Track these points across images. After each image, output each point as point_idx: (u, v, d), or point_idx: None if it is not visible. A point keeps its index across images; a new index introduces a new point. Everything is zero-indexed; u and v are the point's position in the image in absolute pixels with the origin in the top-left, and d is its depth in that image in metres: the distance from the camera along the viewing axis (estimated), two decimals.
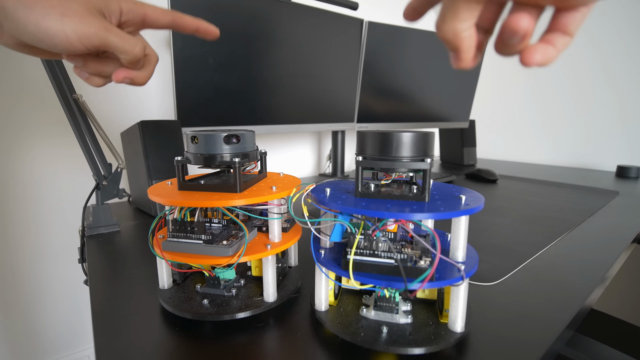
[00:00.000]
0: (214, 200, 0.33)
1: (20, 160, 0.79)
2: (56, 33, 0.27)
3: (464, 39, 0.22)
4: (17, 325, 0.84)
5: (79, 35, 0.28)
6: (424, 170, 0.31)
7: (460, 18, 0.21)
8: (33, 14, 0.27)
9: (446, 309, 0.32)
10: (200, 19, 0.39)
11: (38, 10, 0.27)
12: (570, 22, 0.22)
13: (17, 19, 0.27)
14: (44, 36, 0.28)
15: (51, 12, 0.27)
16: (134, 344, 0.32)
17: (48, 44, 0.28)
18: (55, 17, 0.27)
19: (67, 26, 0.28)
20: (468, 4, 0.20)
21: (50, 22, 0.27)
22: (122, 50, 0.31)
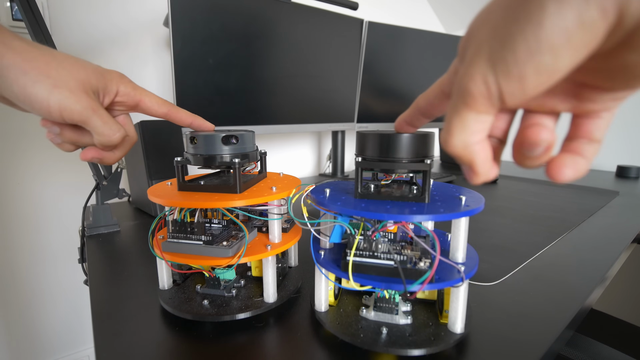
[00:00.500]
0: (214, 201, 0.33)
1: (20, 160, 0.79)
2: (39, 100, 0.27)
3: (477, 153, 0.20)
4: (17, 325, 0.84)
5: (61, 108, 0.28)
6: (424, 171, 0.31)
7: (470, 131, 0.19)
8: (24, 77, 0.27)
9: (446, 310, 0.32)
10: (195, 116, 0.39)
11: (31, 75, 0.27)
12: (594, 128, 0.20)
13: (5, 77, 0.26)
14: (25, 99, 0.27)
15: (43, 81, 0.27)
16: (134, 344, 0.32)
17: (26, 106, 0.28)
18: (45, 86, 0.27)
19: (53, 97, 0.27)
20: (477, 115, 0.18)
21: (39, 90, 0.27)
22: (101, 133, 0.30)
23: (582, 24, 0.14)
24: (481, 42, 0.17)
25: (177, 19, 0.68)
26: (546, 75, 0.15)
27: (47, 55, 0.28)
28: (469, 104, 0.18)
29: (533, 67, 0.15)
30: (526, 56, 0.15)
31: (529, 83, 0.16)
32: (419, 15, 1.57)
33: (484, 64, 0.16)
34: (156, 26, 0.90)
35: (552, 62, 0.15)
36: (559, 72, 0.15)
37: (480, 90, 0.17)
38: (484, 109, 0.18)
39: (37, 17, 0.52)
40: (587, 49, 0.15)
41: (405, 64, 1.12)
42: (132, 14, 0.87)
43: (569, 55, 0.15)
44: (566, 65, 0.15)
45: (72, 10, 0.80)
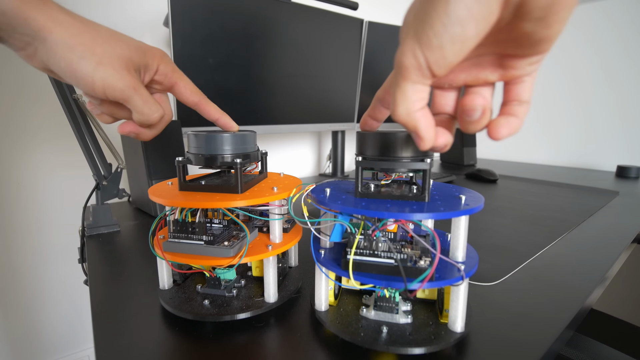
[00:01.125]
0: (215, 200, 0.33)
1: (20, 160, 0.79)
2: (84, 76, 0.28)
3: (419, 119, 0.23)
4: (17, 325, 0.84)
5: (105, 85, 0.29)
6: (423, 170, 0.31)
7: (410, 100, 0.22)
8: (71, 54, 0.27)
9: (446, 309, 0.32)
10: (223, 113, 0.39)
11: (78, 52, 0.28)
12: (521, 91, 0.24)
13: (54, 52, 0.27)
14: (71, 75, 0.28)
15: (89, 58, 0.28)
16: (134, 344, 0.32)
17: (72, 81, 0.29)
18: (90, 63, 0.28)
19: (98, 74, 0.28)
20: (413, 85, 0.21)
21: (84, 66, 0.28)
22: (140, 112, 0.31)
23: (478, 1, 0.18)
24: (408, 24, 0.21)
25: (177, 19, 0.68)
26: (459, 44, 0.19)
27: (92, 30, 0.29)
28: (404, 75, 0.21)
29: (448, 37, 0.19)
30: (441, 29, 0.18)
31: (448, 51, 0.19)
32: None
33: (411, 40, 0.20)
34: (156, 26, 0.91)
35: (461, 32, 0.18)
36: (468, 41, 0.19)
37: (411, 62, 0.20)
38: (417, 78, 0.21)
39: None
40: (487, 21, 0.18)
41: None
42: (132, 14, 0.87)
43: (473, 26, 0.18)
44: (473, 35, 0.19)
45: (73, 10, 0.80)
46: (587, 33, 1.33)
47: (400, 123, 0.23)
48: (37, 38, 0.27)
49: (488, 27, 0.19)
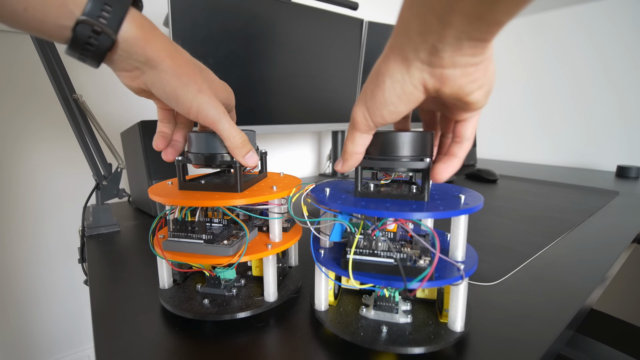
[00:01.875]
0: (214, 200, 0.33)
1: (20, 160, 0.79)
2: (185, 101, 0.32)
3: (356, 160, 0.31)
4: (17, 325, 0.84)
5: (200, 109, 0.33)
6: (423, 170, 0.31)
7: (357, 144, 0.30)
8: (177, 81, 0.32)
9: (446, 309, 0.32)
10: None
11: (184, 80, 0.32)
12: (464, 129, 0.29)
13: (161, 78, 0.31)
14: (173, 98, 0.32)
15: (191, 86, 0.32)
16: (134, 344, 0.32)
17: (171, 103, 0.33)
18: (192, 90, 0.32)
19: (196, 100, 0.32)
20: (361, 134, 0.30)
21: (187, 93, 0.32)
22: (227, 136, 0.34)
23: (404, 92, 0.25)
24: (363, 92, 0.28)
25: (177, 19, 0.68)
26: (395, 115, 0.27)
27: (191, 64, 0.34)
28: (356, 127, 0.29)
29: (385, 111, 0.27)
30: (381, 105, 0.26)
31: (386, 117, 0.27)
32: None
33: (362, 105, 0.28)
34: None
35: (394, 109, 0.26)
36: (401, 114, 0.27)
37: (360, 120, 0.28)
38: (364, 129, 0.29)
39: None
40: (414, 103, 0.26)
41: None
42: None
43: (403, 106, 0.26)
44: (404, 111, 0.26)
45: None
46: (587, 33, 1.33)
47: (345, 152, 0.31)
48: (148, 65, 0.31)
49: (415, 105, 0.26)
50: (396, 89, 0.25)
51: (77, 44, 0.28)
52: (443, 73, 0.23)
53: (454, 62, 0.22)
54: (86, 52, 0.29)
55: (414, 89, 0.25)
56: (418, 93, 0.25)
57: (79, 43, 0.28)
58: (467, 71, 0.23)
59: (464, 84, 0.24)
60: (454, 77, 0.23)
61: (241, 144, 0.35)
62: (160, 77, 0.31)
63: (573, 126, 1.41)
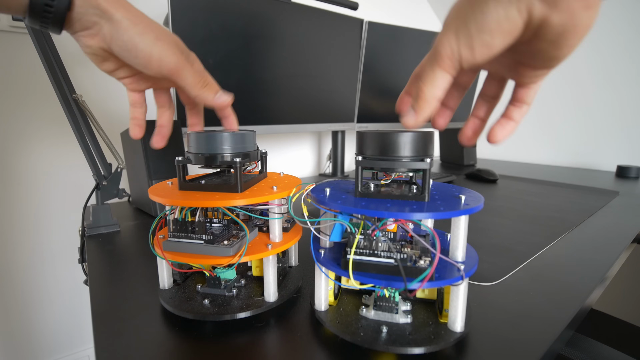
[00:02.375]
0: (215, 200, 0.33)
1: (20, 160, 0.79)
2: (143, 49, 0.32)
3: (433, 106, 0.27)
4: (17, 325, 0.84)
5: (160, 59, 0.32)
6: (423, 170, 0.31)
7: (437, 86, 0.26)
8: (134, 29, 0.31)
9: (446, 309, 0.32)
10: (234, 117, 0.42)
11: (140, 27, 0.31)
12: (526, 95, 0.29)
13: (117, 28, 0.31)
14: (132, 48, 0.32)
15: (149, 34, 0.32)
16: (134, 344, 0.32)
17: (131, 55, 0.32)
18: (149, 38, 0.32)
19: (155, 49, 0.32)
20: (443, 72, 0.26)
21: (145, 40, 0.31)
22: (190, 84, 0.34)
23: (507, 17, 0.22)
24: (451, 19, 0.25)
25: (177, 19, 0.68)
26: (487, 48, 0.23)
27: (148, 18, 0.33)
28: (439, 62, 0.25)
29: (479, 41, 0.23)
30: (476, 33, 0.23)
31: (477, 52, 0.24)
32: (419, 15, 1.58)
33: (451, 34, 0.24)
34: None
35: (490, 39, 0.23)
36: (494, 47, 0.23)
37: (447, 52, 0.25)
38: (448, 67, 0.25)
39: None
40: (512, 35, 0.23)
41: (405, 64, 1.12)
42: None
43: (500, 37, 0.23)
44: (499, 44, 0.23)
45: None
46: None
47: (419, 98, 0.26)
48: (104, 16, 0.30)
49: (511, 40, 0.23)
50: (499, 12, 0.22)
51: (36, 11, 0.28)
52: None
53: None
54: (46, 18, 0.29)
55: (518, 15, 0.22)
56: (520, 22, 0.22)
57: (37, 9, 0.28)
58: None
59: (576, 10, 0.21)
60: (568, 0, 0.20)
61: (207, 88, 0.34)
62: (116, 28, 0.31)
63: (573, 126, 1.41)
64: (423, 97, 0.26)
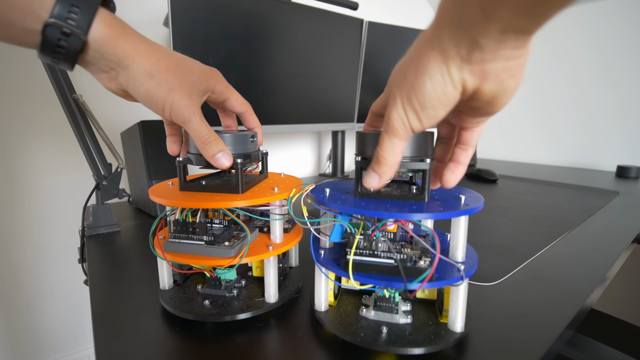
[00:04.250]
0: (216, 201, 0.33)
1: (20, 160, 0.79)
2: (158, 101, 0.32)
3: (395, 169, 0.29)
4: (17, 325, 0.84)
5: (172, 108, 0.33)
6: (423, 170, 0.31)
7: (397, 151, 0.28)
8: (150, 81, 0.31)
9: (446, 309, 0.32)
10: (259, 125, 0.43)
11: (155, 79, 0.31)
12: (470, 137, 0.30)
13: (134, 78, 0.31)
14: (147, 99, 0.32)
15: (164, 85, 0.32)
16: (134, 344, 0.32)
17: (146, 104, 0.33)
18: (165, 89, 0.32)
19: (168, 99, 0.32)
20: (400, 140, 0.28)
21: (160, 92, 0.32)
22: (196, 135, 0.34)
23: (444, 94, 0.24)
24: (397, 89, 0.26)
25: (177, 19, 0.68)
26: (432, 119, 0.26)
27: (166, 59, 0.33)
28: (395, 133, 0.27)
29: (425, 114, 0.25)
30: (420, 109, 0.25)
31: (424, 122, 0.26)
32: (419, 15, 1.58)
33: (400, 109, 0.26)
34: (156, 26, 0.91)
35: (433, 114, 0.25)
36: (438, 117, 0.26)
37: (399, 125, 0.27)
38: (403, 135, 0.27)
39: None
40: (451, 105, 0.25)
41: None
42: (132, 14, 0.87)
43: (442, 109, 0.25)
44: (442, 114, 0.26)
45: None
46: (587, 33, 1.33)
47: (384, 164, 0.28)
48: (121, 65, 0.31)
49: (451, 108, 0.26)
50: (437, 91, 0.24)
51: (48, 48, 0.28)
52: (484, 68, 0.22)
53: (495, 56, 0.22)
54: (58, 55, 0.29)
55: (453, 91, 0.24)
56: (456, 94, 0.24)
57: (49, 46, 0.28)
58: (508, 65, 0.22)
59: (504, 79, 0.23)
60: (496, 71, 0.22)
61: (209, 144, 0.34)
62: (133, 78, 0.31)
63: (573, 126, 1.41)
64: (385, 162, 0.28)
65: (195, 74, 0.35)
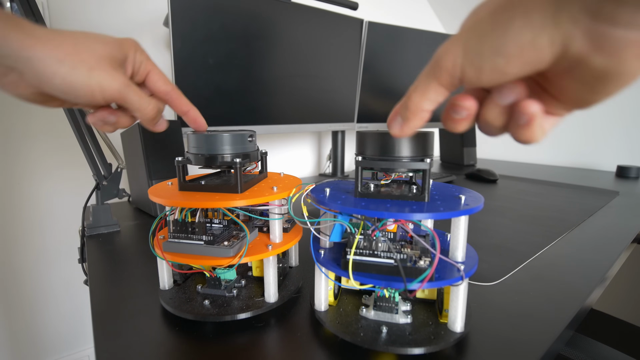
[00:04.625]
0: (215, 200, 0.33)
1: (20, 160, 0.79)
2: (82, 87, 0.27)
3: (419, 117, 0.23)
4: (17, 325, 0.84)
5: (102, 88, 0.28)
6: (423, 170, 0.31)
7: (427, 98, 0.22)
8: (62, 67, 0.26)
9: (446, 309, 0.32)
10: (192, 106, 0.38)
11: (68, 63, 0.27)
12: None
13: (42, 71, 0.26)
14: (69, 89, 0.27)
15: (80, 66, 0.27)
16: (134, 344, 0.32)
17: (71, 96, 0.28)
18: (83, 71, 0.27)
19: (93, 80, 0.28)
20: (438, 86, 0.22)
21: (79, 76, 0.27)
22: (138, 107, 0.31)
23: (533, 45, 0.17)
24: (464, 29, 0.20)
25: (177, 19, 0.68)
26: (497, 74, 0.19)
27: (70, 38, 0.28)
28: (436, 74, 0.21)
29: (490, 64, 0.19)
30: (489, 53, 0.19)
31: (483, 75, 0.19)
32: (419, 15, 1.58)
33: (459, 47, 0.20)
34: (156, 26, 0.91)
35: (503, 65, 0.18)
36: (507, 76, 0.19)
37: (447, 66, 0.20)
38: (445, 82, 0.21)
39: (37, 18, 0.52)
40: (533, 66, 0.18)
41: (405, 64, 1.12)
42: (132, 14, 0.87)
43: (517, 65, 0.18)
44: (514, 73, 0.19)
45: (73, 10, 0.80)
46: None
47: (407, 107, 0.23)
48: (20, 59, 0.25)
49: (531, 71, 0.19)
50: (525, 35, 0.17)
51: None
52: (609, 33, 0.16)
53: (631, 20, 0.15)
54: None
55: (548, 45, 0.17)
56: (548, 54, 0.17)
57: None
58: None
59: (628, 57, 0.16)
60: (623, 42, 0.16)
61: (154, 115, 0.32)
62: (41, 70, 0.26)
63: (573, 126, 1.41)
64: (410, 106, 0.23)
65: (108, 44, 0.30)
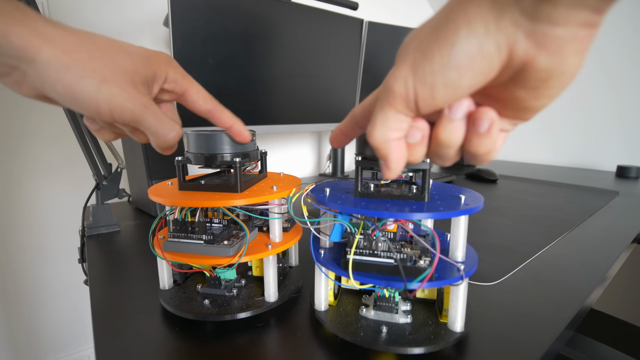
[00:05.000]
0: (214, 200, 0.33)
1: (20, 160, 0.79)
2: (87, 99, 0.24)
3: (392, 149, 0.22)
4: (17, 325, 0.84)
5: (112, 106, 0.25)
6: (423, 170, 0.31)
7: (389, 127, 0.21)
8: (68, 74, 0.23)
9: (446, 309, 0.32)
10: (236, 120, 0.35)
11: (75, 71, 0.23)
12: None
13: (47, 74, 0.23)
14: (72, 99, 0.24)
15: (89, 76, 0.24)
16: (134, 344, 0.32)
17: (73, 106, 0.25)
18: (92, 82, 0.24)
19: (102, 94, 0.24)
20: (397, 114, 0.21)
21: (86, 86, 0.24)
22: (155, 133, 0.28)
23: (482, 52, 0.17)
24: (409, 51, 0.20)
25: (177, 19, 0.68)
26: (451, 90, 0.19)
27: (88, 42, 0.25)
28: (390, 101, 0.20)
29: (442, 79, 0.18)
30: (439, 69, 0.18)
31: (438, 93, 0.19)
32: (419, 15, 1.58)
33: (407, 68, 0.19)
34: (156, 26, 0.91)
35: (456, 79, 0.18)
36: (460, 90, 0.19)
37: (400, 90, 0.20)
38: (402, 108, 0.20)
39: None
40: (484, 76, 0.18)
41: None
42: (132, 14, 0.87)
43: (470, 77, 0.18)
44: (467, 85, 0.19)
45: (73, 10, 0.80)
46: None
47: (373, 147, 0.22)
48: (23, 59, 0.22)
49: (483, 83, 0.19)
50: (472, 44, 0.17)
51: None
52: (547, 33, 0.16)
53: (569, 17, 0.16)
54: None
55: (496, 51, 0.17)
56: (497, 60, 0.18)
57: None
58: (579, 35, 0.17)
59: (568, 53, 0.17)
60: (562, 40, 0.17)
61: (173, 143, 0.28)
62: (45, 74, 0.23)
63: (573, 126, 1.41)
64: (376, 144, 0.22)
65: (134, 57, 0.27)
